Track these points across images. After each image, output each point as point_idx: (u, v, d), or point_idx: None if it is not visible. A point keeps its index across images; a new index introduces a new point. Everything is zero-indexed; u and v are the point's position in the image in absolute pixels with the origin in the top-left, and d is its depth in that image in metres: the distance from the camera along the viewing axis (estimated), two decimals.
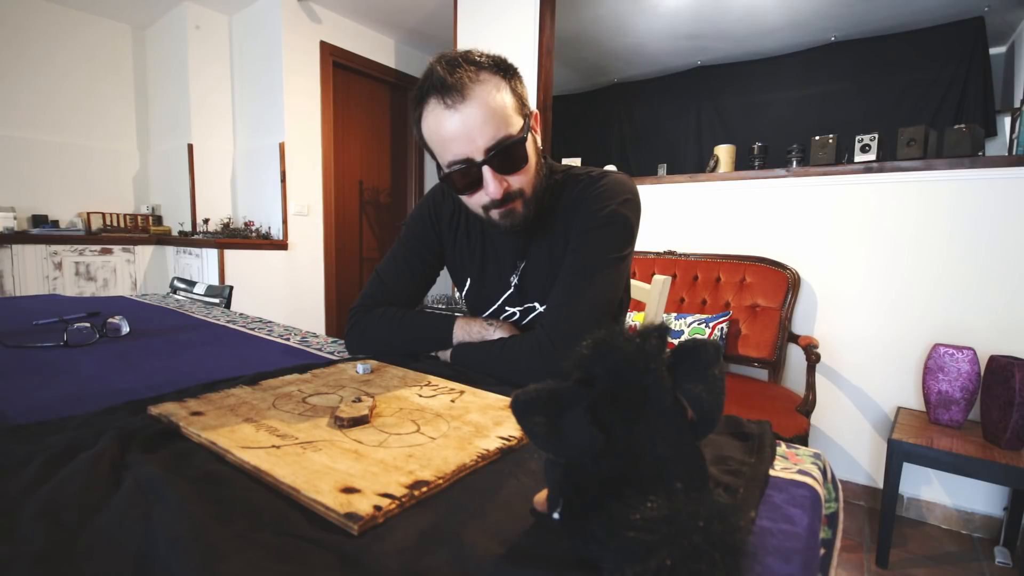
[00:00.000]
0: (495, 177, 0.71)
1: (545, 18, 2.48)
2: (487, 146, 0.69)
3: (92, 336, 0.92)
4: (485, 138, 0.69)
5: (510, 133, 0.70)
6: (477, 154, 0.70)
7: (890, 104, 3.32)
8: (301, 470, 0.41)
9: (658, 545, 0.26)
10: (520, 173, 0.74)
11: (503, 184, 0.72)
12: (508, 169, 0.72)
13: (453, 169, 0.72)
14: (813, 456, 0.52)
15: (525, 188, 0.75)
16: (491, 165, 0.71)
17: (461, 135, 0.69)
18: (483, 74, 0.70)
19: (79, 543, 0.32)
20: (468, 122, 0.68)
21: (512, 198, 0.74)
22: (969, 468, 1.46)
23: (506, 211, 0.75)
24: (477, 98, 0.68)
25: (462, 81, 0.67)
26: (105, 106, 3.46)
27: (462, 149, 0.70)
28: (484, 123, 0.68)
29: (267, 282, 3.13)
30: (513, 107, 0.72)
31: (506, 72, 0.73)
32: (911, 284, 1.86)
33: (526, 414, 0.32)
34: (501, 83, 0.71)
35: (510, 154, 0.71)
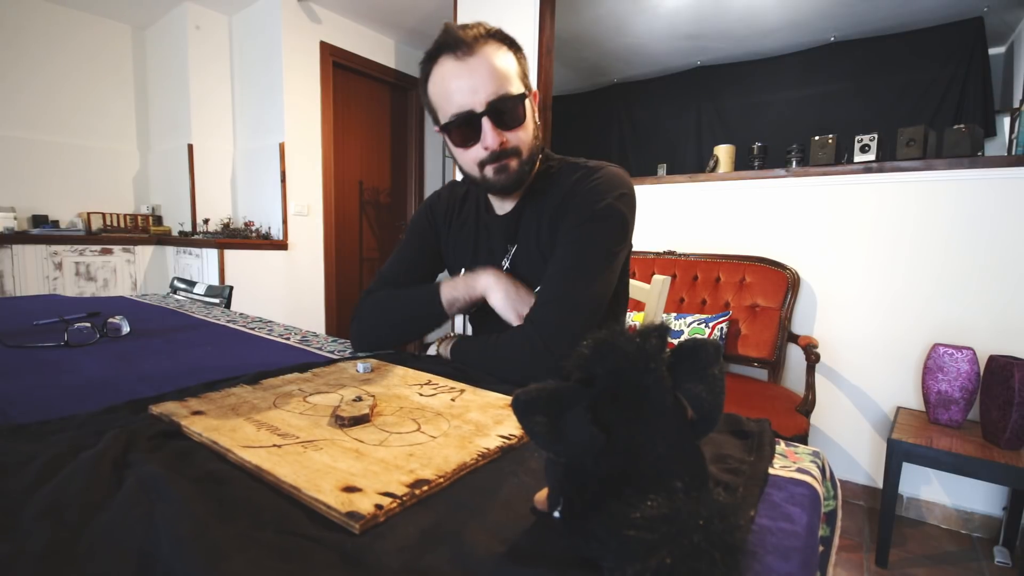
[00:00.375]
0: (493, 129, 0.74)
1: (545, 18, 2.48)
2: (488, 99, 0.73)
3: (92, 336, 0.92)
4: (488, 91, 0.73)
5: (510, 91, 0.75)
6: (478, 105, 0.73)
7: (890, 104, 3.32)
8: (302, 469, 0.41)
9: (658, 544, 0.26)
10: (517, 130, 0.77)
11: (500, 136, 0.75)
12: (506, 124, 0.75)
13: (453, 119, 0.75)
14: (812, 454, 0.52)
15: (521, 147, 0.78)
16: (490, 117, 0.74)
17: (466, 86, 0.73)
18: (492, 39, 0.75)
19: (81, 542, 0.32)
20: (474, 74, 0.72)
21: (508, 153, 0.77)
22: (968, 468, 1.46)
23: (500, 166, 0.77)
24: (485, 54, 0.73)
25: (474, 37, 0.73)
26: (105, 106, 3.46)
27: (465, 100, 0.73)
28: (488, 77, 0.73)
29: (267, 282, 3.13)
30: (516, 72, 0.77)
31: (511, 45, 0.78)
32: (911, 284, 1.87)
33: (527, 413, 0.32)
34: (508, 51, 0.77)
35: (509, 109, 0.75)
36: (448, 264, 0.98)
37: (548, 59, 2.52)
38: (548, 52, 2.52)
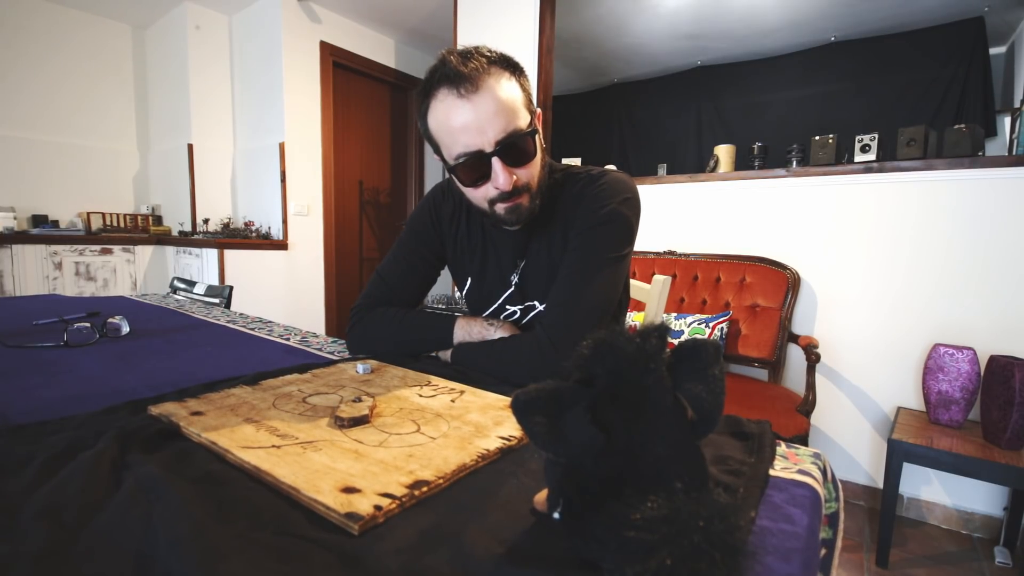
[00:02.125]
0: (504, 169, 0.71)
1: (545, 18, 2.48)
2: (497, 138, 0.69)
3: (92, 336, 0.92)
4: (496, 129, 0.69)
5: (519, 126, 0.71)
6: (487, 145, 0.70)
7: (890, 104, 3.32)
8: (301, 470, 0.41)
9: (658, 545, 0.26)
10: (527, 166, 0.74)
11: (512, 176, 0.72)
12: (516, 161, 0.72)
13: (461, 160, 0.72)
14: (813, 456, 0.52)
15: (531, 182, 0.76)
16: (500, 157, 0.71)
17: (472, 125, 0.69)
18: (494, 68, 0.70)
19: (79, 543, 0.32)
20: (480, 112, 0.68)
21: (519, 192, 0.74)
22: (969, 468, 1.46)
23: (512, 206, 0.75)
24: (489, 89, 0.68)
25: (476, 71, 0.68)
26: (105, 106, 3.46)
27: (472, 140, 0.70)
28: (496, 114, 0.68)
29: (267, 282, 3.13)
30: (522, 101, 0.73)
31: (514, 69, 0.73)
32: (911, 284, 1.86)
33: (526, 414, 0.32)
34: (511, 77, 0.72)
35: (519, 146, 0.71)
36: (453, 269, 0.96)
37: (548, 59, 2.52)
38: (548, 52, 2.52)
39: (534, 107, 0.76)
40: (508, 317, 0.89)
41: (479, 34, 2.66)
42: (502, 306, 0.89)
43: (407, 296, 0.92)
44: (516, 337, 0.77)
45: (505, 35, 2.56)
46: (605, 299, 0.76)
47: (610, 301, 0.77)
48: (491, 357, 0.76)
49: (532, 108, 0.75)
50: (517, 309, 0.88)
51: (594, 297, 0.75)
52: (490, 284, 0.90)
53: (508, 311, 0.89)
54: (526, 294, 0.86)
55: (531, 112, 0.75)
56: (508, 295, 0.88)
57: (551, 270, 0.83)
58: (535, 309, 0.86)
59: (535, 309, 0.86)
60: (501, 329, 0.80)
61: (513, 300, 0.88)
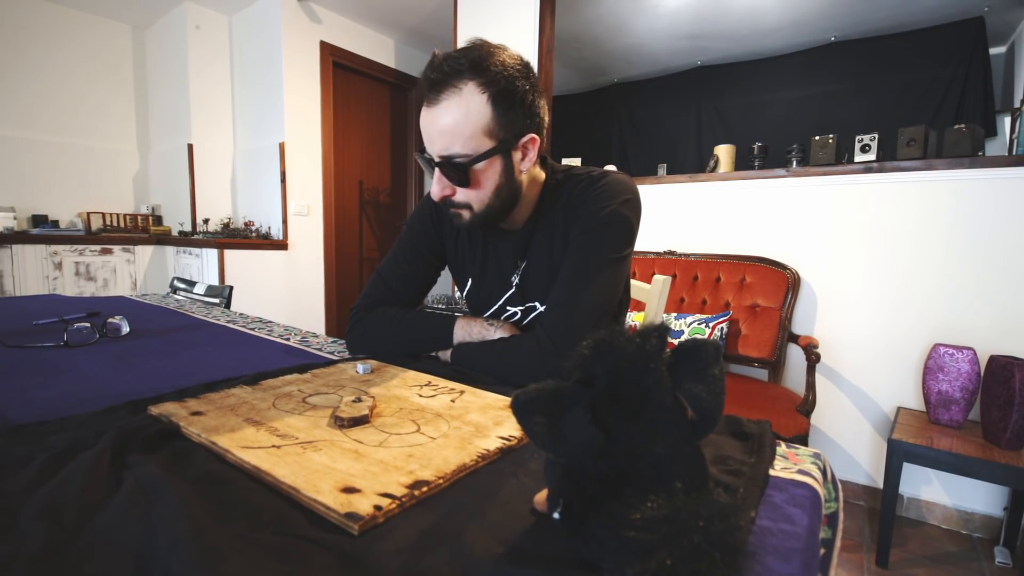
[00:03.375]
0: (439, 180, 0.75)
1: (545, 18, 2.48)
2: (438, 153, 0.73)
3: (92, 336, 0.92)
4: (437, 146, 0.73)
5: (460, 152, 0.71)
6: (434, 155, 0.74)
7: (890, 104, 3.32)
8: (301, 470, 0.41)
9: (658, 545, 0.26)
10: (466, 189, 0.75)
11: (445, 190, 0.76)
12: (455, 181, 0.75)
13: (420, 154, 0.77)
14: (813, 456, 0.52)
15: (472, 203, 0.77)
16: (441, 169, 0.74)
17: (426, 132, 0.74)
18: (469, 85, 0.69)
19: (79, 543, 0.32)
20: (432, 123, 0.72)
21: (456, 206, 0.77)
22: (969, 468, 1.46)
23: (454, 214, 0.79)
24: (445, 106, 0.70)
25: (441, 84, 0.70)
26: (105, 106, 3.46)
27: (426, 143, 0.74)
28: (441, 133, 0.71)
29: (267, 282, 3.13)
30: (484, 128, 0.70)
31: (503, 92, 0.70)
32: (911, 284, 1.86)
33: (526, 414, 0.32)
34: (484, 103, 0.69)
35: (455, 170, 0.73)
36: (453, 269, 0.96)
37: (548, 59, 2.52)
38: (548, 52, 2.52)
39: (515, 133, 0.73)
40: (509, 318, 0.89)
41: (479, 34, 2.64)
42: (503, 307, 0.89)
43: (407, 296, 0.92)
44: (516, 337, 0.77)
45: (505, 35, 2.56)
46: (605, 299, 0.76)
47: (610, 302, 0.77)
48: (491, 357, 0.76)
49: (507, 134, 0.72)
50: (518, 310, 0.88)
51: (594, 298, 0.75)
52: (491, 285, 0.90)
53: (509, 312, 0.89)
54: (527, 295, 0.86)
55: (501, 139, 0.72)
56: (509, 296, 0.88)
57: (552, 271, 0.83)
58: (536, 310, 0.86)
59: (536, 310, 0.86)
60: (501, 329, 0.80)
61: (514, 301, 0.88)
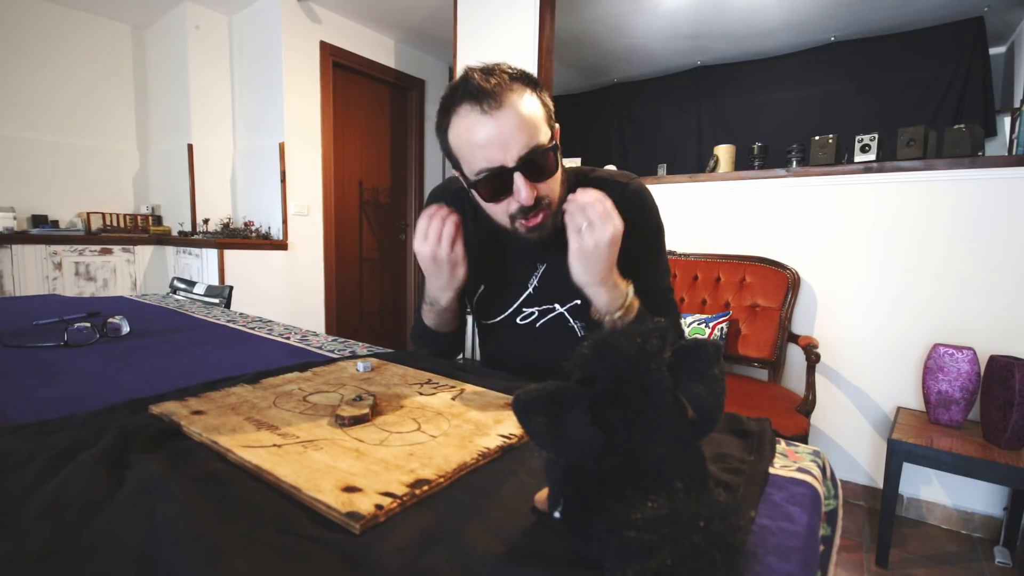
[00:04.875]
0: (527, 184, 0.72)
1: (545, 18, 2.48)
2: (520, 153, 0.70)
3: (92, 336, 0.92)
4: (519, 145, 0.70)
5: (541, 142, 0.72)
6: (510, 161, 0.70)
7: (890, 104, 3.32)
8: (302, 469, 0.41)
9: (659, 544, 0.26)
10: (548, 181, 0.75)
11: (534, 191, 0.73)
12: (538, 177, 0.73)
13: (483, 176, 0.73)
14: (812, 454, 0.52)
15: (552, 197, 0.76)
16: (523, 172, 0.71)
17: (496, 141, 0.69)
18: (516, 84, 0.71)
19: (81, 542, 0.32)
20: (503, 128, 0.69)
21: (540, 207, 0.75)
22: (969, 468, 1.46)
23: (535, 224, 0.76)
24: (512, 105, 0.69)
25: (499, 87, 0.69)
26: (105, 106, 3.45)
27: (495, 155, 0.70)
28: (519, 129, 0.69)
29: (267, 282, 3.13)
30: (543, 117, 0.73)
31: (534, 85, 0.74)
32: (911, 284, 1.87)
33: (527, 414, 0.32)
34: (532, 93, 0.73)
35: (541, 162, 0.72)
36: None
37: (548, 59, 2.52)
38: (548, 52, 2.52)
39: (554, 122, 0.77)
40: (525, 319, 0.90)
41: (479, 34, 2.66)
42: (519, 308, 0.90)
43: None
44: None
45: (505, 35, 2.56)
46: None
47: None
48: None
49: (552, 123, 0.76)
50: (535, 310, 0.89)
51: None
52: (506, 287, 0.90)
53: (524, 312, 0.90)
54: (543, 297, 0.87)
55: (551, 127, 0.75)
56: (525, 297, 0.89)
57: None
58: (555, 311, 0.87)
59: (555, 311, 0.87)
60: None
61: (530, 302, 0.89)
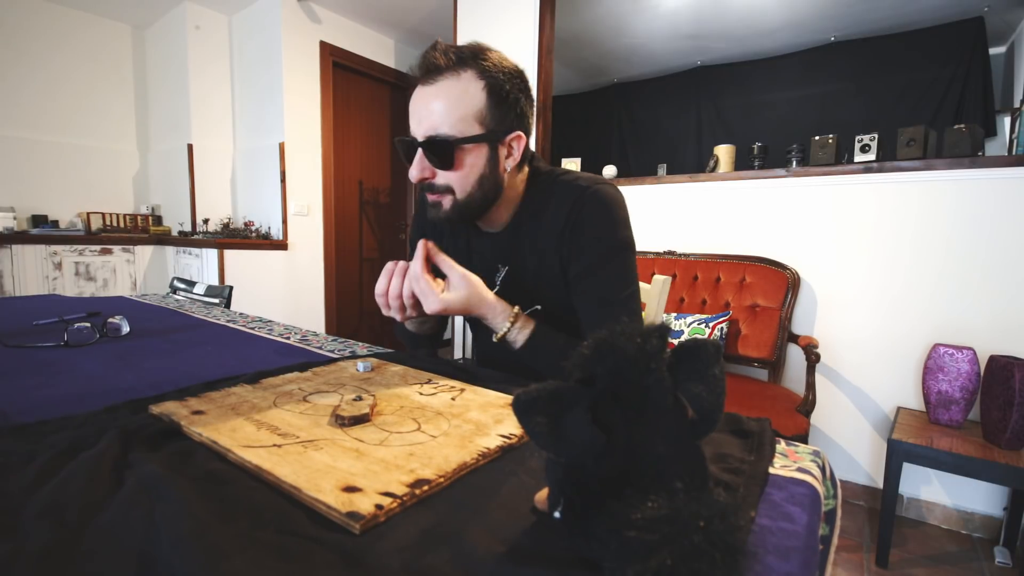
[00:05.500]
0: (419, 162, 0.75)
1: (545, 18, 2.48)
2: (424, 133, 0.73)
3: (92, 336, 0.92)
4: (425, 124, 0.73)
5: (449, 133, 0.72)
6: (418, 135, 0.74)
7: (890, 104, 3.32)
8: (302, 469, 0.41)
9: (659, 544, 0.26)
10: (449, 171, 0.76)
11: (424, 172, 0.76)
12: (436, 164, 0.75)
13: (400, 138, 0.78)
14: (812, 454, 0.52)
15: (453, 187, 0.77)
16: (423, 150, 0.74)
17: (414, 111, 0.74)
18: (468, 72, 0.72)
19: (82, 542, 0.32)
20: (425, 102, 0.73)
21: (437, 190, 0.77)
22: (969, 468, 1.46)
23: (433, 202, 0.79)
24: (441, 87, 0.72)
25: (436, 65, 0.72)
26: (105, 106, 3.45)
27: (412, 124, 0.75)
28: (431, 111, 0.72)
29: (267, 282, 3.13)
30: (476, 113, 0.73)
31: (498, 86, 0.73)
32: (911, 284, 1.87)
33: (527, 414, 0.32)
34: (479, 90, 0.72)
35: (440, 150, 0.73)
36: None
37: (548, 59, 2.52)
38: (548, 52, 2.52)
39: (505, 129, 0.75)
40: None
41: (479, 34, 2.66)
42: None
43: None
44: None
45: (505, 35, 2.56)
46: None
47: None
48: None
49: (498, 128, 0.74)
50: None
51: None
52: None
53: None
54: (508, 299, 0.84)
55: (489, 129, 0.74)
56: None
57: (537, 276, 0.83)
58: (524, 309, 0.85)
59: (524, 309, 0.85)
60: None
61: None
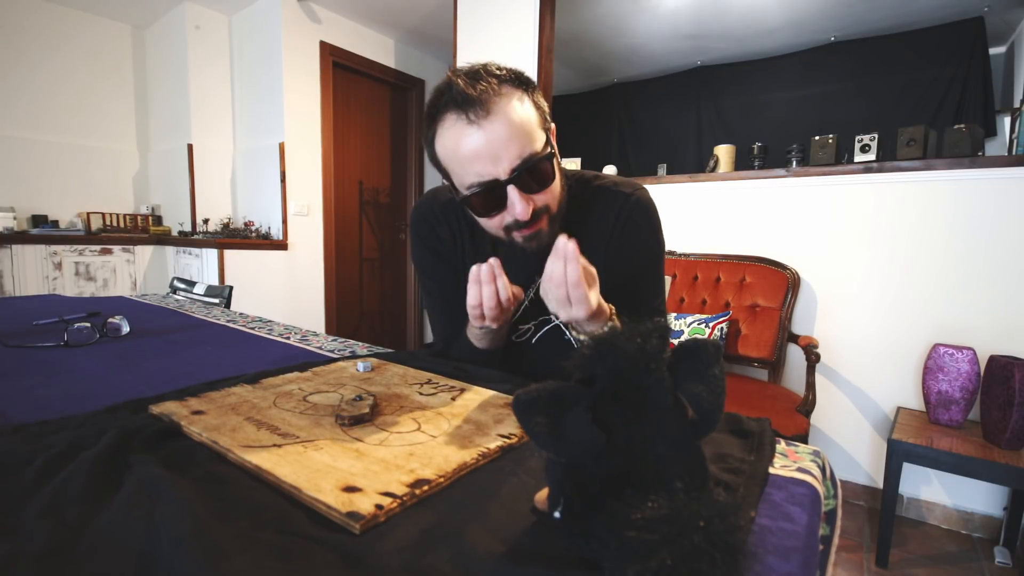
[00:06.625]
0: (522, 197, 0.66)
1: (545, 18, 2.48)
2: (513, 164, 0.65)
3: (92, 336, 0.92)
4: (511, 156, 0.64)
5: (536, 150, 0.66)
6: (503, 174, 0.65)
7: (890, 104, 3.32)
8: (302, 469, 0.41)
9: (659, 544, 0.26)
10: (546, 191, 0.70)
11: (530, 204, 0.68)
12: (534, 188, 0.68)
13: (474, 191, 0.67)
14: (812, 454, 0.52)
15: (551, 205, 0.72)
16: (517, 184, 0.66)
17: (485, 153, 0.64)
18: (505, 87, 0.66)
19: (82, 542, 0.32)
20: (493, 139, 0.63)
21: (538, 217, 0.70)
22: (969, 468, 1.46)
23: (532, 233, 0.71)
24: (501, 112, 0.64)
25: (486, 94, 0.63)
26: (105, 106, 3.45)
27: (486, 169, 0.65)
28: (510, 140, 0.64)
29: (267, 282, 3.13)
30: (536, 121, 0.68)
31: (526, 85, 0.69)
32: (911, 284, 1.87)
33: (527, 414, 0.32)
34: (523, 96, 0.67)
35: (536, 172, 0.67)
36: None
37: (548, 59, 2.52)
38: (548, 52, 2.52)
39: (549, 123, 0.72)
40: (521, 336, 0.85)
41: (479, 34, 2.66)
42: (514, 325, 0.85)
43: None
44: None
45: (505, 35, 2.56)
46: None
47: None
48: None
49: (547, 125, 0.71)
50: (531, 325, 0.85)
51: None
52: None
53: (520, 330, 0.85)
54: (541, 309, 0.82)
55: (546, 130, 0.70)
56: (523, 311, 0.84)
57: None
58: (550, 323, 0.84)
59: (550, 323, 0.84)
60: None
61: (526, 318, 0.85)
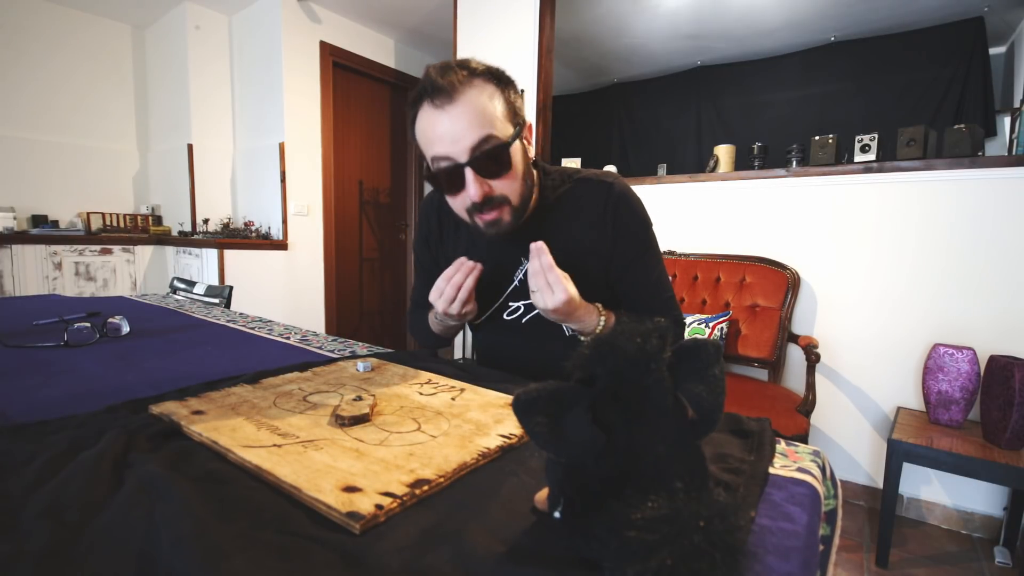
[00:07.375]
0: (476, 179, 0.72)
1: (545, 18, 2.48)
2: (471, 146, 0.71)
3: (92, 336, 0.92)
4: (469, 139, 0.70)
5: (494, 135, 0.71)
6: (461, 155, 0.71)
7: (890, 104, 3.32)
8: (302, 469, 0.41)
9: (659, 544, 0.26)
10: (504, 178, 0.74)
11: (484, 187, 0.73)
12: (491, 173, 0.73)
13: (438, 168, 0.74)
14: (812, 454, 0.52)
15: (510, 195, 0.76)
16: (474, 167, 0.72)
17: (447, 135, 0.71)
18: (476, 80, 0.72)
19: (81, 542, 0.32)
20: (455, 122, 0.70)
21: (496, 204, 0.75)
22: (969, 468, 1.46)
23: (492, 220, 0.77)
24: (465, 99, 0.70)
25: (451, 83, 0.70)
26: (105, 106, 3.45)
27: (447, 149, 0.71)
28: (470, 124, 0.70)
29: (267, 282, 3.13)
30: (503, 114, 0.73)
31: (501, 81, 0.75)
32: (911, 284, 1.87)
33: (527, 414, 0.32)
34: (494, 91, 0.73)
35: (494, 157, 0.72)
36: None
37: (548, 59, 2.52)
38: (548, 52, 2.52)
39: (522, 120, 0.77)
40: (512, 313, 0.90)
41: (479, 34, 2.66)
42: (505, 303, 0.90)
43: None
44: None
45: (505, 35, 2.56)
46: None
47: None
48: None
49: (518, 121, 0.76)
50: (521, 305, 0.89)
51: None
52: (491, 282, 0.91)
53: (511, 307, 0.90)
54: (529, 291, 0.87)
55: (516, 125, 0.75)
56: (511, 291, 0.89)
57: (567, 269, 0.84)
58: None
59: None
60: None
61: (516, 296, 0.89)
